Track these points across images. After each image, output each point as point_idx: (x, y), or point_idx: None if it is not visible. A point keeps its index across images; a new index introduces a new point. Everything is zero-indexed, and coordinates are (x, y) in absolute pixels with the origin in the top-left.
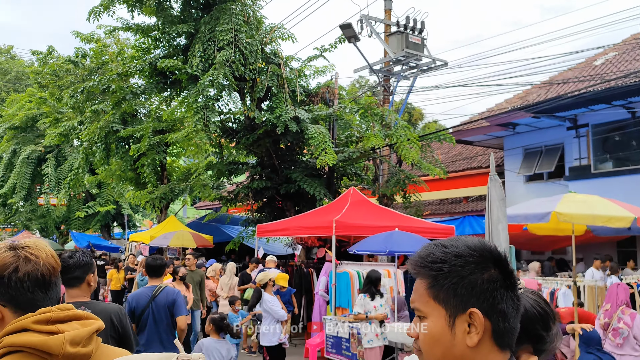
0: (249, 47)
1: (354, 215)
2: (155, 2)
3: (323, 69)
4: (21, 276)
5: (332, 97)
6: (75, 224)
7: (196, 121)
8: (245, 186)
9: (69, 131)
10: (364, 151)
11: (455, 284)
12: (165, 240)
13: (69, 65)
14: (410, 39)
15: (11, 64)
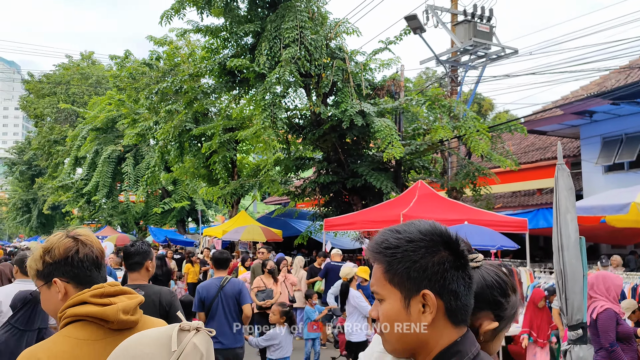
0: (314, 43)
1: (422, 209)
2: (223, 3)
3: (388, 61)
4: (81, 257)
5: (398, 90)
6: (153, 220)
7: (264, 118)
8: (312, 181)
9: (146, 131)
10: (432, 144)
11: (408, 268)
12: (237, 234)
13: (144, 68)
14: (478, 27)
15: (92, 69)
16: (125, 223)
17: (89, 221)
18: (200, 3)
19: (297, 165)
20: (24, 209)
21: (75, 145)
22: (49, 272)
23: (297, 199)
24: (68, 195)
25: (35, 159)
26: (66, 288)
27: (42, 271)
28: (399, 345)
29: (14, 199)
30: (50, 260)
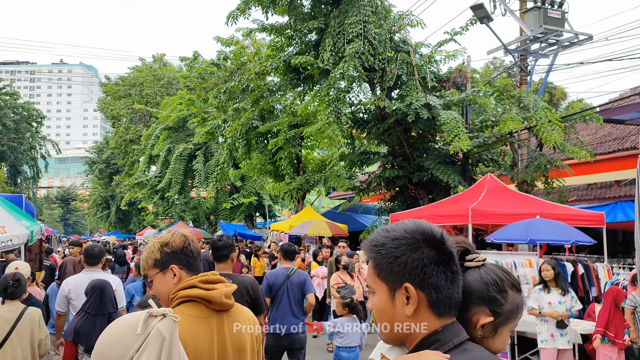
0: (378, 37)
1: (491, 203)
2: (287, 2)
3: (454, 53)
4: (192, 248)
5: (465, 82)
6: (223, 215)
7: (328, 114)
8: (377, 176)
9: (215, 129)
10: (501, 136)
11: (391, 263)
12: (303, 229)
13: (212, 68)
14: (549, 14)
15: (164, 70)
16: (196, 218)
17: (163, 216)
18: (265, 2)
19: (361, 160)
20: (104, 205)
21: (149, 144)
22: (167, 260)
23: (362, 193)
24: (143, 192)
25: (113, 157)
26: (180, 273)
27: (160, 260)
28: (389, 334)
29: (94, 196)
30: (169, 250)
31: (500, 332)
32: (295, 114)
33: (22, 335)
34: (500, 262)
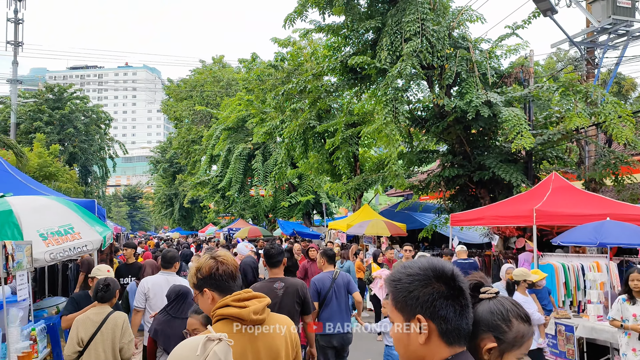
0: (436, 34)
1: (557, 203)
2: (343, 2)
3: (516, 47)
4: (221, 273)
5: (527, 77)
6: (281, 213)
7: (385, 114)
8: (437, 175)
9: (273, 129)
10: (566, 132)
11: (406, 297)
12: (361, 228)
13: (270, 70)
14: (618, 3)
15: (223, 72)
16: (256, 216)
17: (224, 214)
18: (322, 3)
19: (420, 159)
20: (167, 203)
21: (210, 144)
22: (201, 285)
23: (421, 192)
24: (205, 190)
25: (176, 157)
26: (213, 295)
27: (197, 284)
28: (405, 359)
29: (158, 194)
30: (201, 276)
31: (506, 358)
32: (352, 113)
33: (105, 338)
34: (567, 265)
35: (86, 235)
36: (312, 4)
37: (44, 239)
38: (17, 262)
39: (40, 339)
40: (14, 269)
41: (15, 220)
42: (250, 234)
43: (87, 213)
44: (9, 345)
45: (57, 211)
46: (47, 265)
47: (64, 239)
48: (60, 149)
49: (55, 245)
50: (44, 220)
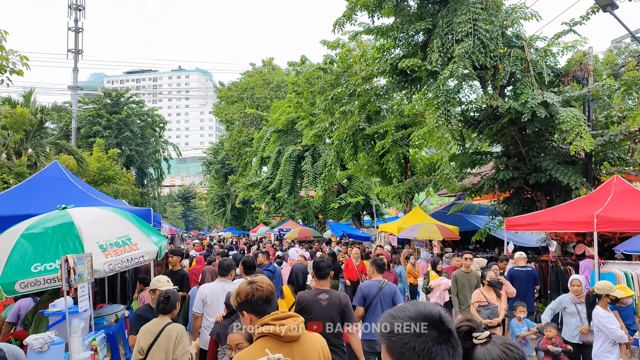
0: (489, 34)
1: (620, 208)
2: (393, 4)
3: (573, 44)
4: (256, 298)
5: (586, 75)
6: (331, 214)
7: (437, 117)
8: (490, 177)
9: (322, 132)
10: (629, 132)
11: (402, 348)
12: (412, 232)
13: (319, 72)
14: None
15: (272, 74)
16: (306, 217)
17: (274, 215)
18: (371, 6)
19: (473, 161)
20: (220, 203)
21: (260, 146)
22: (240, 308)
23: (473, 195)
24: (256, 192)
25: (228, 158)
26: (250, 318)
27: (237, 307)
28: None
29: (211, 195)
30: (240, 301)
31: None
32: (402, 115)
33: (160, 348)
34: (630, 273)
35: (143, 245)
36: (361, 6)
37: (103, 251)
38: (78, 275)
39: (101, 349)
40: (76, 281)
41: (77, 232)
42: (301, 235)
43: (143, 223)
44: (71, 355)
45: (115, 222)
46: (107, 276)
47: (122, 250)
48: (118, 152)
49: (114, 256)
50: (103, 232)
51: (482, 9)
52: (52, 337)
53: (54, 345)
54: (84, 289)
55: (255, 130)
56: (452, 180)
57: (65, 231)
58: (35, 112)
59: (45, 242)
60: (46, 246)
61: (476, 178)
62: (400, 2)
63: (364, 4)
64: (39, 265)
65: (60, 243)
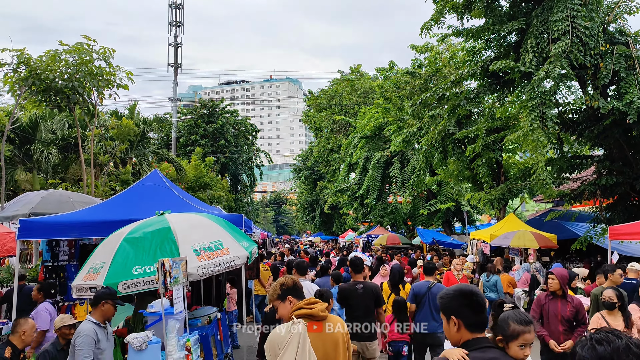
0: (588, 31)
1: None
2: (483, 4)
3: None
4: (298, 286)
5: None
6: (420, 220)
7: (532, 120)
8: (592, 183)
9: (410, 137)
10: None
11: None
12: (506, 240)
13: (407, 77)
14: None
15: (360, 81)
16: (394, 223)
17: (362, 220)
18: (460, 8)
19: (572, 165)
20: (309, 209)
21: (348, 152)
22: (284, 294)
23: (573, 201)
24: (344, 197)
25: (317, 165)
26: (292, 300)
27: (280, 294)
28: (450, 340)
29: (301, 200)
30: (285, 287)
31: (510, 346)
32: (494, 118)
33: None
34: None
35: (234, 250)
36: (450, 8)
37: (197, 255)
38: (174, 278)
39: (194, 350)
40: (172, 284)
41: (173, 237)
42: (389, 242)
43: (234, 228)
44: (167, 354)
45: (209, 228)
46: (200, 279)
47: (215, 255)
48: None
49: (207, 260)
50: (197, 237)
51: (580, 5)
52: (150, 337)
53: (152, 345)
54: (179, 291)
55: (343, 137)
56: (549, 185)
57: (163, 236)
58: (139, 124)
59: (144, 246)
60: (146, 250)
61: (576, 183)
62: (491, 3)
63: (452, 6)
64: (139, 268)
65: (159, 247)
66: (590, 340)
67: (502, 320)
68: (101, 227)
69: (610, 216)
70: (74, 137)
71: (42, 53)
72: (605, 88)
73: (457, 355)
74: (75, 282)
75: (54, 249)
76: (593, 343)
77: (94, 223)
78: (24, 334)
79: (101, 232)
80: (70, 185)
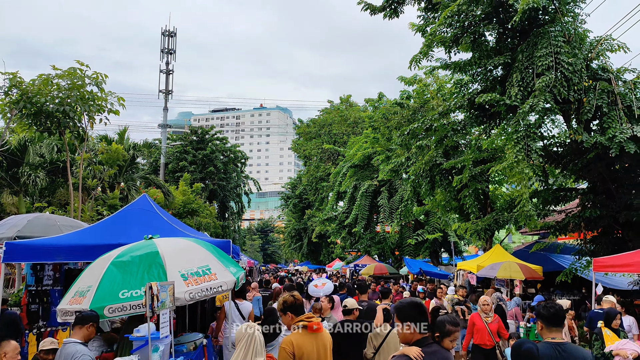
0: (572, 67)
1: None
2: (470, 39)
3: None
4: (297, 303)
5: None
6: (407, 250)
7: (517, 152)
8: (576, 215)
9: (398, 167)
10: None
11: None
12: (492, 271)
13: (396, 108)
14: None
15: (350, 111)
16: (382, 252)
17: (350, 250)
18: (448, 42)
19: (557, 197)
20: (297, 237)
21: (337, 181)
22: (285, 310)
23: (558, 233)
24: (332, 226)
25: (305, 193)
26: (292, 315)
27: (282, 309)
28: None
29: (288, 228)
30: (286, 305)
31: (444, 341)
32: (480, 150)
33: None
34: None
35: (221, 276)
36: (438, 42)
37: (184, 279)
38: (161, 302)
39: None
40: (159, 308)
41: (161, 262)
42: (376, 271)
43: (222, 254)
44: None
45: (197, 253)
46: (187, 304)
47: (202, 280)
48: (202, 186)
49: (194, 285)
50: (185, 262)
51: (564, 42)
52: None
53: None
54: (166, 315)
55: (332, 166)
56: (532, 217)
57: (151, 260)
58: (128, 149)
59: (132, 270)
60: (133, 274)
61: (560, 215)
62: (478, 38)
63: (440, 40)
64: (126, 292)
65: (146, 271)
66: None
67: (439, 322)
68: (88, 250)
69: (595, 248)
70: (62, 161)
71: (34, 77)
72: (589, 122)
73: (414, 352)
74: (61, 305)
75: (38, 273)
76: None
77: (81, 247)
78: (5, 356)
79: (88, 256)
80: (57, 209)
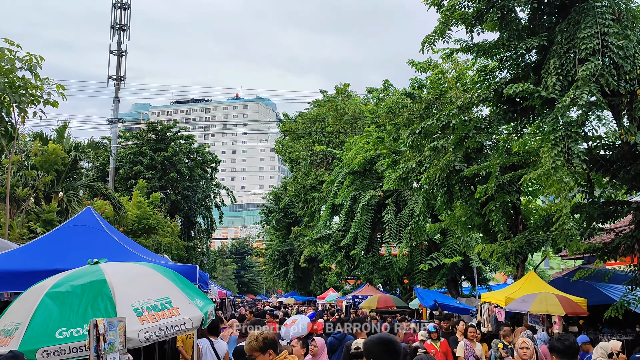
0: (622, 51)
1: None
2: (498, 16)
3: None
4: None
5: None
6: (419, 278)
7: (554, 156)
8: (628, 235)
9: (408, 173)
10: None
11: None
12: (525, 304)
13: (405, 100)
14: None
15: (348, 103)
16: (387, 281)
17: (348, 277)
18: (470, 19)
19: (604, 212)
20: (281, 261)
21: (331, 191)
22: (266, 347)
23: (606, 257)
24: (325, 247)
25: (292, 206)
26: (271, 353)
27: (262, 347)
28: None
29: (270, 250)
30: (267, 341)
31: None
32: (510, 153)
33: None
34: None
35: (185, 311)
36: (457, 19)
37: (138, 315)
38: (109, 343)
39: None
40: (106, 351)
41: (109, 292)
42: (380, 304)
43: (187, 283)
44: None
45: (155, 282)
46: (142, 346)
47: (161, 315)
48: (162, 197)
49: (150, 322)
50: (140, 293)
51: (613, 21)
52: None
53: None
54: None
55: (325, 172)
56: (575, 237)
57: (96, 290)
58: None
59: (72, 303)
60: (74, 308)
61: (609, 235)
62: (507, 14)
63: (460, 17)
64: (64, 331)
65: (90, 304)
66: None
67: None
68: (17, 278)
69: None
70: None
71: None
72: None
73: None
74: None
75: None
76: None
77: (8, 273)
78: None
79: (17, 284)
80: None
